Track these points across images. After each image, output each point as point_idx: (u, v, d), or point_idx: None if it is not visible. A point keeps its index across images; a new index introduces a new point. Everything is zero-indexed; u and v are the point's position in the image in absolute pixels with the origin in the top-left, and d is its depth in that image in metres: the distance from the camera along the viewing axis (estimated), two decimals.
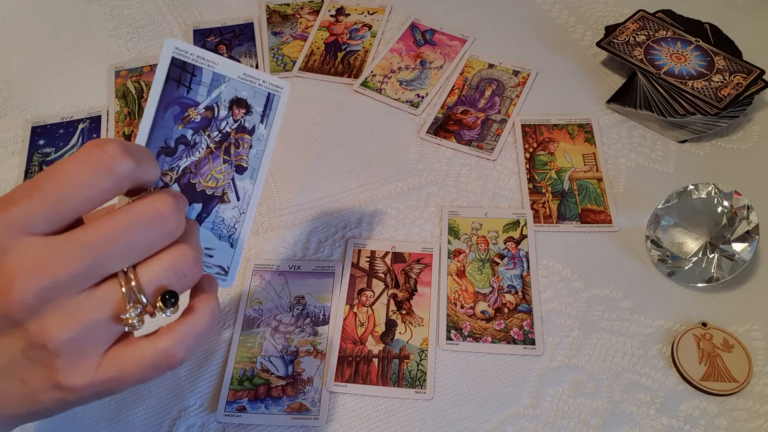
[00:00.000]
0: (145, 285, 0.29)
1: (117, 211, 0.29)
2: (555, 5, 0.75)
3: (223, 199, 0.38)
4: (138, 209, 0.30)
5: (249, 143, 0.38)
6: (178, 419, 0.46)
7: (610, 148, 0.62)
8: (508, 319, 0.51)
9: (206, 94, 0.37)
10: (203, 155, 0.37)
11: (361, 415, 0.47)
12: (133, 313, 0.29)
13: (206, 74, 0.37)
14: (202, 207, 0.37)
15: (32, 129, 0.65)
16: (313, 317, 0.51)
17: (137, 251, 0.29)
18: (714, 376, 0.47)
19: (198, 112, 0.37)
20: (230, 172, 0.38)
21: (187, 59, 0.36)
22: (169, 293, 0.30)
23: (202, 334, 0.32)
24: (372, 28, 0.73)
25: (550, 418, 0.46)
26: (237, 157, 0.38)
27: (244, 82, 0.37)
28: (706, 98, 0.60)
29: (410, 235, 0.56)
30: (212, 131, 0.37)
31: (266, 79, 0.38)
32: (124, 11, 0.77)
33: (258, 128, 0.38)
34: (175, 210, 0.30)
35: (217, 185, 0.37)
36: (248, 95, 0.37)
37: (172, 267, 0.30)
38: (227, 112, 0.37)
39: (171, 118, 0.36)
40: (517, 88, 0.67)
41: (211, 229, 0.37)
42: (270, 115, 0.38)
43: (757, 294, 0.52)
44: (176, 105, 0.36)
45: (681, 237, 0.52)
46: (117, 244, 0.29)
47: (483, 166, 0.61)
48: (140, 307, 0.29)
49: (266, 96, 0.38)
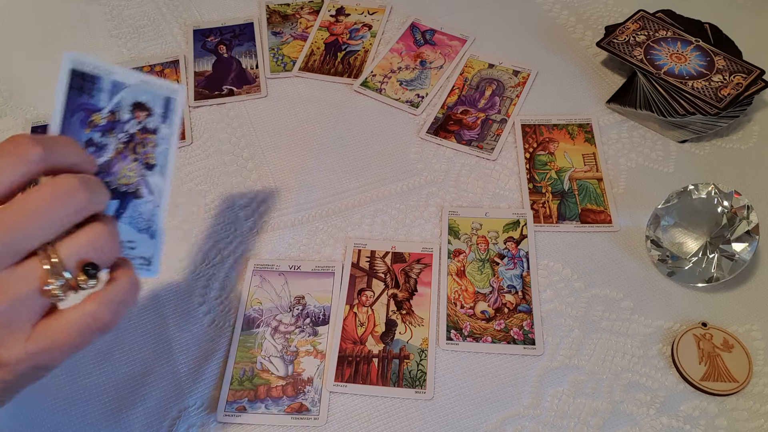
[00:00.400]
0: (65, 259, 0.31)
1: (28, 192, 0.31)
2: (555, 5, 0.75)
3: (137, 194, 0.40)
4: (45, 188, 0.32)
5: (154, 142, 0.41)
6: (178, 419, 0.46)
7: (610, 148, 0.62)
8: (508, 319, 0.51)
9: (108, 100, 0.41)
10: (113, 155, 0.40)
11: (361, 415, 0.47)
12: (57, 284, 0.31)
13: (106, 82, 0.41)
14: (119, 203, 0.39)
15: (32, 129, 0.65)
16: (313, 317, 0.51)
17: (51, 227, 0.31)
18: (714, 376, 0.47)
19: (102, 116, 0.40)
20: (140, 169, 0.41)
21: (86, 69, 0.41)
22: (90, 264, 0.32)
23: (125, 300, 0.34)
24: (372, 28, 0.73)
25: (550, 418, 0.46)
26: (145, 156, 0.41)
27: (143, 87, 0.41)
28: (706, 98, 0.60)
29: (410, 235, 0.56)
30: (118, 133, 0.40)
31: (162, 84, 0.41)
32: (124, 11, 0.77)
33: (161, 128, 0.41)
34: (81, 185, 0.33)
35: (130, 182, 0.40)
36: (147, 99, 0.41)
37: (90, 242, 0.32)
38: (130, 115, 0.41)
39: (78, 123, 0.39)
40: (517, 88, 0.67)
41: (130, 223, 0.40)
42: (170, 115, 0.42)
43: (757, 294, 0.52)
44: (81, 111, 0.40)
45: (681, 237, 0.52)
46: (30, 222, 0.31)
47: (483, 166, 0.61)
48: (63, 279, 0.31)
49: (164, 99, 0.41)
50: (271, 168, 0.61)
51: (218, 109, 0.66)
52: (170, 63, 0.70)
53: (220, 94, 0.67)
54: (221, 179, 0.61)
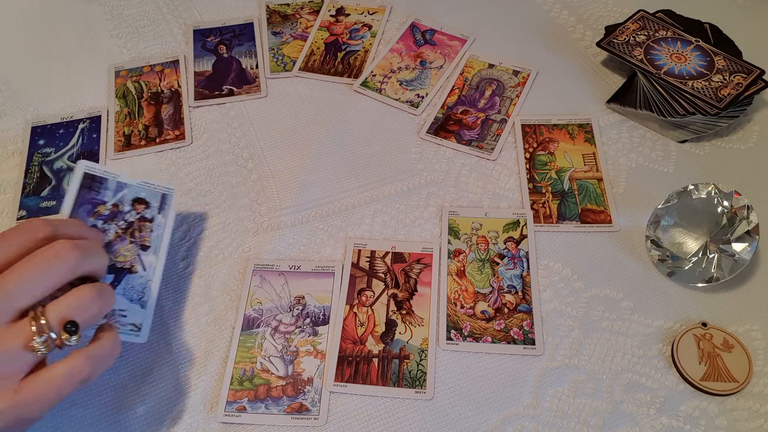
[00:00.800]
0: (51, 320, 0.36)
1: (24, 259, 0.37)
2: (555, 5, 0.75)
3: (131, 270, 0.48)
4: (39, 254, 0.37)
5: (150, 228, 0.50)
6: (178, 419, 0.46)
7: (610, 148, 0.62)
8: (508, 319, 0.51)
9: (112, 196, 0.49)
10: (113, 238, 0.48)
11: (361, 415, 0.47)
12: (39, 340, 0.35)
13: (111, 183, 0.50)
14: (114, 277, 0.47)
15: (32, 129, 0.65)
16: (313, 317, 0.51)
17: (43, 286, 0.36)
18: (714, 376, 0.47)
19: (106, 207, 0.49)
20: (136, 250, 0.49)
21: (96, 173, 0.49)
22: (71, 323, 0.36)
23: (105, 354, 0.38)
24: (372, 28, 0.73)
25: (550, 418, 0.46)
26: (141, 239, 0.49)
27: (142, 186, 0.51)
28: (706, 98, 0.60)
29: (410, 235, 0.56)
30: (119, 221, 0.49)
31: (159, 183, 0.51)
32: (124, 11, 0.77)
33: (156, 217, 0.50)
34: (71, 249, 0.38)
35: (126, 260, 0.48)
36: (146, 195, 0.51)
37: (75, 302, 0.37)
38: (130, 207, 0.50)
39: (84, 213, 0.48)
40: (517, 88, 0.67)
41: (123, 294, 0.47)
42: (165, 208, 0.51)
43: (757, 294, 0.52)
44: (88, 204, 0.48)
45: (681, 237, 0.52)
46: (25, 285, 0.36)
47: (483, 166, 0.61)
48: (45, 335, 0.35)
49: (161, 195, 0.51)
50: (271, 168, 0.61)
51: (218, 109, 0.66)
52: (170, 63, 0.70)
53: (220, 94, 0.67)
54: (221, 179, 0.61)
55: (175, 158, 0.62)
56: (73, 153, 0.63)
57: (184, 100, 0.67)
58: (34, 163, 0.62)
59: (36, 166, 0.62)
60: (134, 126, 0.65)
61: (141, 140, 0.64)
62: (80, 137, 0.64)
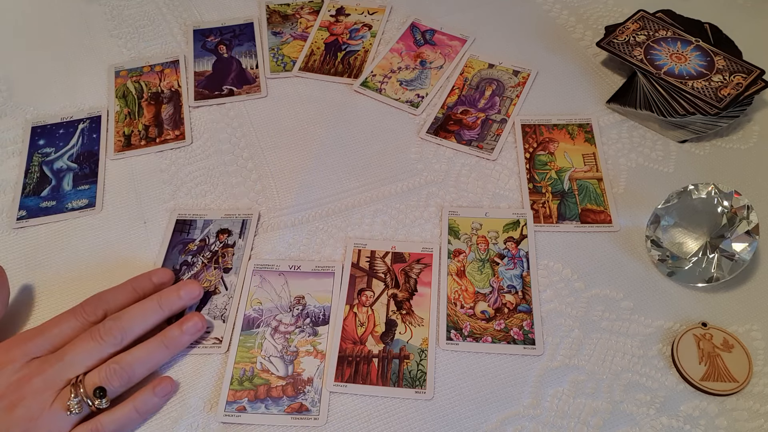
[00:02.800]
0: (87, 386, 0.44)
1: (73, 341, 0.46)
2: (555, 5, 0.75)
3: (215, 292, 0.53)
4: (84, 338, 0.45)
5: (232, 252, 0.55)
6: (179, 419, 0.46)
7: (610, 148, 0.62)
8: (508, 319, 0.51)
9: (200, 233, 0.56)
10: (200, 269, 0.54)
11: (361, 415, 0.47)
12: (74, 402, 0.43)
13: (199, 222, 0.57)
14: (200, 301, 0.52)
15: (32, 129, 0.65)
16: (313, 317, 0.51)
17: (84, 363, 0.45)
18: (714, 376, 0.47)
19: (195, 244, 0.56)
20: (219, 274, 0.54)
21: (186, 217, 0.57)
22: (99, 389, 0.44)
23: (122, 416, 0.45)
24: (372, 28, 0.73)
25: (550, 418, 0.46)
26: (224, 263, 0.54)
27: (225, 219, 0.57)
28: (706, 98, 0.60)
29: (410, 235, 0.56)
30: (205, 252, 0.55)
31: (240, 211, 0.58)
32: (124, 11, 0.77)
33: (238, 242, 0.56)
34: (110, 332, 0.46)
35: (210, 285, 0.53)
36: (229, 225, 0.57)
37: (106, 374, 0.44)
38: (215, 238, 0.56)
39: (176, 252, 0.55)
40: (517, 88, 0.67)
41: (207, 313, 0.52)
42: (245, 232, 0.56)
43: (757, 294, 0.52)
44: (179, 244, 0.56)
45: (681, 237, 0.52)
46: (73, 359, 0.45)
47: (483, 166, 0.61)
48: (79, 398, 0.44)
49: (242, 221, 0.57)
50: (271, 168, 0.61)
51: (218, 109, 0.66)
52: (170, 63, 0.70)
53: (220, 94, 0.67)
54: (221, 179, 0.61)
55: (175, 158, 0.62)
56: (73, 153, 0.63)
57: (184, 100, 0.67)
58: (34, 163, 0.62)
59: (36, 166, 0.62)
60: (134, 126, 0.65)
61: (141, 140, 0.64)
62: (80, 137, 0.64)
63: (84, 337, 0.46)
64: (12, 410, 0.42)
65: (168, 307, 0.49)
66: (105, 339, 0.45)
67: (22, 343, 0.45)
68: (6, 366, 0.44)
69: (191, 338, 0.49)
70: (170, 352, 0.48)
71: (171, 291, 0.49)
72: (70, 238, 0.57)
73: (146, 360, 0.46)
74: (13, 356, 0.44)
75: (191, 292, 0.50)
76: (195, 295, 0.50)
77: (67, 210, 0.59)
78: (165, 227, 0.57)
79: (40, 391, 0.43)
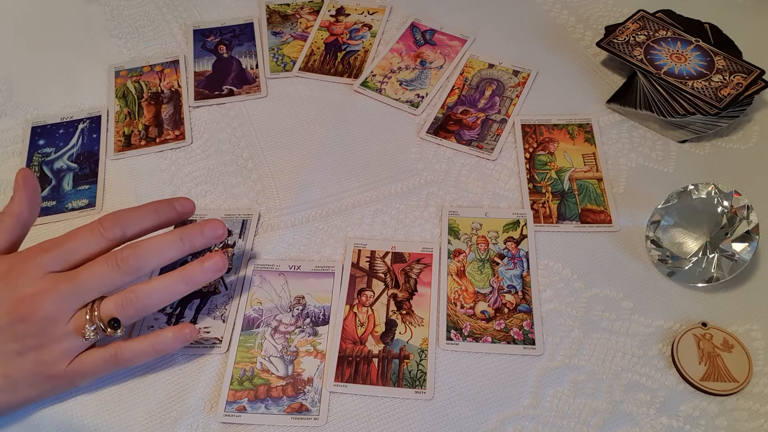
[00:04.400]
0: (102, 314, 0.44)
1: (90, 264, 0.45)
2: (555, 5, 0.75)
3: (215, 292, 0.53)
4: (100, 261, 0.45)
5: (232, 252, 0.55)
6: (178, 419, 0.46)
7: (610, 148, 0.62)
8: (508, 319, 0.51)
9: None
10: None
11: (361, 415, 0.47)
12: (90, 329, 0.44)
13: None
14: (200, 301, 0.52)
15: (32, 129, 0.65)
16: (313, 317, 0.51)
17: (99, 289, 0.45)
18: (714, 376, 0.47)
19: None
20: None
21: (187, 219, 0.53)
22: (114, 319, 0.44)
23: (140, 351, 0.46)
24: (372, 28, 0.73)
25: (550, 418, 0.46)
26: None
27: (226, 218, 0.57)
28: (706, 98, 0.60)
29: (410, 235, 0.56)
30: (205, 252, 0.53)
31: (240, 211, 0.58)
32: (124, 11, 0.77)
33: (238, 242, 0.56)
34: (126, 260, 0.45)
35: (210, 285, 0.53)
36: (229, 225, 0.56)
37: (122, 303, 0.44)
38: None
39: None
40: (517, 88, 0.67)
41: (207, 314, 0.52)
42: (245, 232, 0.56)
43: (757, 294, 0.52)
44: None
45: (681, 237, 0.52)
46: (88, 283, 0.44)
47: (483, 166, 0.61)
48: (94, 325, 0.44)
49: (241, 221, 0.57)
50: (271, 168, 0.61)
51: (218, 109, 0.66)
52: (170, 63, 0.70)
53: (220, 94, 0.67)
54: (221, 179, 0.61)
55: (175, 158, 0.62)
56: (73, 153, 0.63)
57: (184, 100, 0.67)
58: (34, 163, 0.62)
59: (36, 166, 0.62)
60: (134, 126, 0.65)
61: (141, 140, 0.64)
62: (80, 137, 0.64)
63: (100, 260, 0.44)
64: (26, 323, 0.42)
65: (189, 243, 0.47)
66: (121, 267, 0.44)
67: (38, 254, 0.44)
68: (20, 276, 0.43)
69: (212, 277, 0.47)
70: (188, 287, 0.46)
71: (194, 227, 0.48)
72: None
73: (163, 293, 0.45)
74: (28, 267, 0.44)
75: (215, 230, 0.48)
76: (219, 233, 0.48)
77: (67, 210, 0.59)
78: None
79: (53, 310, 0.43)
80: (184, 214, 0.50)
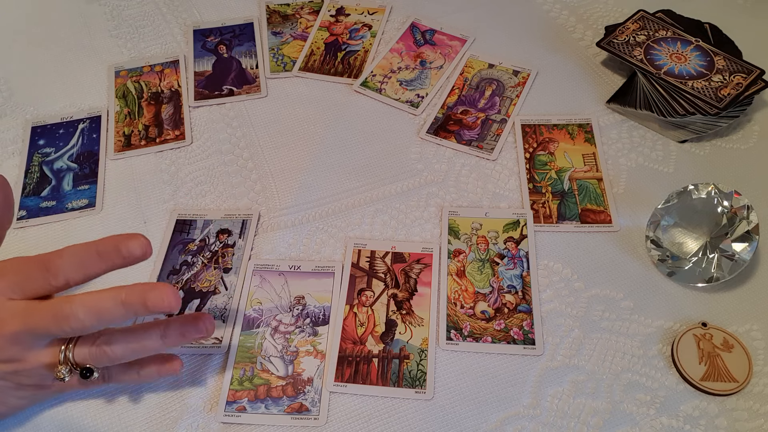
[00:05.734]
0: (76, 357, 0.42)
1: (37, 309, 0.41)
2: (555, 5, 0.75)
3: (215, 292, 0.53)
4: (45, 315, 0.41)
5: (232, 252, 0.55)
6: (178, 419, 0.46)
7: (610, 148, 0.62)
8: (508, 319, 0.51)
9: (200, 233, 0.56)
10: (200, 269, 0.54)
11: (361, 415, 0.47)
12: (64, 370, 0.42)
13: (199, 222, 0.57)
14: (200, 301, 0.52)
15: (32, 129, 0.65)
16: (313, 317, 0.51)
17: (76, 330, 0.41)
18: (714, 376, 0.47)
19: (195, 244, 0.56)
20: (219, 274, 0.54)
21: (186, 218, 0.57)
22: (87, 369, 0.42)
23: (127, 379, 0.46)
24: (372, 28, 0.73)
25: (550, 418, 0.46)
26: (224, 263, 0.54)
27: (226, 219, 0.57)
28: (706, 98, 0.60)
29: (410, 235, 0.56)
30: (205, 252, 0.55)
31: (240, 211, 0.57)
32: (124, 11, 0.77)
33: (237, 242, 0.56)
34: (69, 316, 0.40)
35: (210, 285, 0.53)
36: (229, 225, 0.57)
37: (95, 354, 0.42)
38: (215, 238, 0.56)
39: (176, 252, 0.55)
40: (517, 88, 0.67)
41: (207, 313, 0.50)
42: (245, 232, 0.56)
43: (757, 294, 0.52)
44: (180, 245, 0.56)
45: (681, 237, 0.52)
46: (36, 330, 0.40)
47: (483, 166, 0.61)
48: (68, 367, 0.42)
49: (242, 221, 0.57)
50: (271, 168, 0.61)
51: (218, 109, 0.66)
52: (170, 63, 0.70)
53: (220, 94, 0.67)
54: (221, 179, 0.61)
55: (175, 158, 0.62)
56: (73, 153, 0.63)
57: (184, 100, 0.67)
58: (34, 163, 0.62)
59: (36, 166, 0.62)
60: (134, 126, 0.65)
61: (141, 140, 0.64)
62: (80, 137, 0.64)
63: (45, 312, 0.40)
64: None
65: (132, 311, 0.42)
66: (63, 327, 0.40)
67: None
68: None
69: (191, 341, 0.48)
70: (165, 347, 0.43)
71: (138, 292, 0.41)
72: (70, 238, 0.57)
73: (138, 352, 0.43)
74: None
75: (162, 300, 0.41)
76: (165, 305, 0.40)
77: (67, 210, 0.59)
78: (165, 227, 0.57)
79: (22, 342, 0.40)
80: (131, 260, 0.41)
